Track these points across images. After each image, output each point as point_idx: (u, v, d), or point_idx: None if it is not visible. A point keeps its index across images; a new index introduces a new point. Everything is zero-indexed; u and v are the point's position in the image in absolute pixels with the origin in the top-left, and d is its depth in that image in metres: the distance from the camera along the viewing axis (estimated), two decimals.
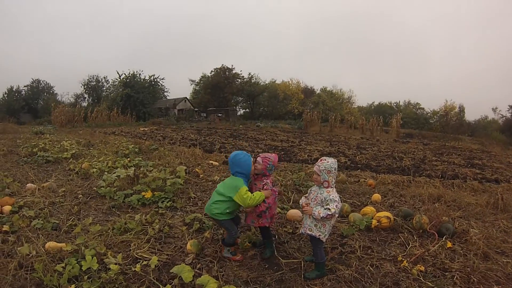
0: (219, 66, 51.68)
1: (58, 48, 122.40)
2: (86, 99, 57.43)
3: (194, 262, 3.42)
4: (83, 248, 3.40)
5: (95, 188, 6.03)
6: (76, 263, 3.09)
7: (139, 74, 44.06)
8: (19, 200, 5.20)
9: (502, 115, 43.06)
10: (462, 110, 47.10)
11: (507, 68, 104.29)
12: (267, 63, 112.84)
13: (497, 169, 10.53)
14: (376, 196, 5.91)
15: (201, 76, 58.87)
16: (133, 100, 40.51)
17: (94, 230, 3.89)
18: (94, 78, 56.84)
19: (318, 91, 55.45)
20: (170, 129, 24.87)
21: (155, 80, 46.44)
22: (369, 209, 4.93)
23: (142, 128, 24.80)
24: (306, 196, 3.43)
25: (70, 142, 12.27)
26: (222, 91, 50.17)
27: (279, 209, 5.10)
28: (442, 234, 4.13)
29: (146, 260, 3.34)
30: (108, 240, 3.81)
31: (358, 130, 29.58)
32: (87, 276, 2.97)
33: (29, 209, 4.81)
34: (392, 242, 4.06)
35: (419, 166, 10.26)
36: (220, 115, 44.97)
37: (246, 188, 3.37)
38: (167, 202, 5.25)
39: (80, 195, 5.66)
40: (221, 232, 4.08)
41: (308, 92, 53.66)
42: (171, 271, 3.03)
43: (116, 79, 46.02)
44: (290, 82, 53.49)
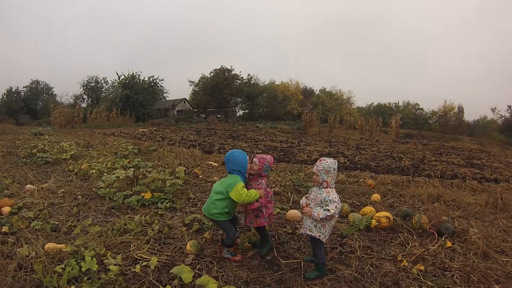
0: (218, 67, 51.68)
1: (58, 49, 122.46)
2: (85, 100, 57.45)
3: (194, 262, 3.42)
4: (82, 249, 3.39)
5: (94, 189, 6.03)
6: (76, 264, 3.08)
7: (138, 75, 44.09)
8: (19, 201, 5.20)
9: (501, 115, 43.23)
10: (461, 110, 47.20)
11: (506, 68, 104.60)
12: (266, 64, 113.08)
13: (496, 168, 10.55)
14: (376, 196, 5.91)
15: (200, 77, 58.95)
16: (132, 101, 40.49)
17: (93, 231, 3.89)
18: (93, 79, 56.87)
19: (317, 92, 55.57)
20: (170, 130, 24.87)
21: (155, 81, 46.45)
22: (368, 209, 4.93)
23: (142, 129, 24.79)
24: (306, 197, 3.42)
25: (69, 143, 12.27)
26: (221, 92, 50.14)
27: (278, 209, 5.11)
28: (442, 233, 4.13)
29: (145, 261, 3.33)
30: (108, 241, 3.80)
31: (357, 130, 29.60)
32: (86, 277, 2.97)
33: (28, 210, 4.80)
34: (392, 242, 4.07)
35: (418, 166, 10.27)
36: (219, 116, 44.97)
37: (243, 184, 3.38)
38: (167, 203, 5.25)
39: (80, 196, 5.65)
40: (220, 232, 4.07)
41: (307, 93, 53.69)
42: (171, 271, 3.03)
43: (115, 80, 46.02)
44: (289, 83, 53.53)
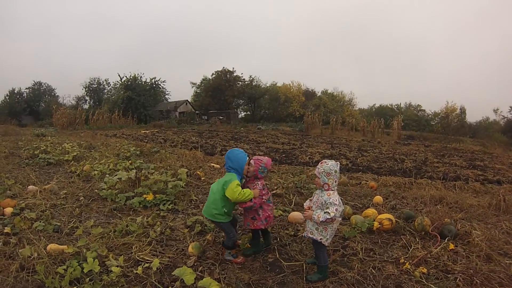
0: (220, 69, 51.73)
1: (60, 51, 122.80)
2: (88, 101, 57.55)
3: (196, 264, 3.42)
4: (84, 250, 3.40)
5: (96, 190, 6.04)
6: (78, 265, 3.09)
7: (140, 77, 44.17)
8: (21, 202, 5.22)
9: (503, 116, 43.12)
10: (463, 111, 47.03)
11: (508, 69, 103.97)
12: (268, 65, 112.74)
13: (499, 170, 10.49)
14: (378, 198, 5.90)
15: (202, 79, 58.91)
16: (134, 102, 40.55)
17: (95, 232, 3.89)
18: (96, 81, 57.01)
19: (319, 94, 55.50)
20: (171, 131, 24.89)
21: (156, 82, 46.52)
22: (370, 211, 4.92)
23: (144, 131, 24.81)
24: (310, 199, 3.41)
25: (71, 144, 12.30)
26: (223, 94, 50.15)
27: (280, 211, 5.10)
28: (444, 236, 4.11)
29: (147, 262, 3.34)
30: (110, 242, 3.81)
31: (359, 132, 29.56)
32: (88, 278, 2.97)
33: (30, 211, 4.82)
34: (394, 244, 4.05)
35: (420, 168, 10.24)
36: (221, 117, 44.98)
37: (238, 183, 3.37)
38: (169, 205, 5.26)
39: (82, 198, 5.66)
40: (222, 234, 4.07)
41: (309, 94, 53.62)
42: (173, 273, 3.03)
43: (117, 81, 46.17)
44: (291, 85, 53.44)
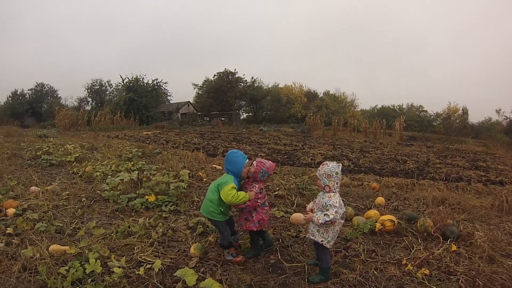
0: (222, 70, 51.81)
1: (62, 53, 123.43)
2: (90, 103, 57.76)
3: (197, 265, 3.42)
4: (86, 251, 3.41)
5: (98, 191, 6.05)
6: (80, 266, 3.09)
7: (142, 78, 44.27)
8: (23, 203, 5.23)
9: (506, 116, 42.95)
10: (465, 112, 46.96)
11: (511, 69, 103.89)
12: (270, 67, 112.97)
13: (501, 171, 10.47)
14: (380, 199, 5.88)
15: (204, 80, 59.05)
16: (136, 104, 40.62)
17: (97, 233, 3.91)
18: (98, 82, 57.25)
19: (321, 95, 55.47)
20: (173, 133, 24.91)
21: (158, 84, 46.60)
22: (373, 212, 4.90)
23: (145, 132, 24.85)
24: (314, 201, 3.40)
25: (73, 145, 12.32)
26: (225, 95, 50.23)
27: (282, 212, 5.09)
28: (447, 237, 4.10)
29: (149, 263, 3.34)
30: (112, 243, 3.81)
31: (361, 133, 29.53)
32: (90, 279, 2.98)
33: (33, 212, 4.83)
34: (396, 246, 4.04)
35: (422, 169, 10.21)
36: (223, 119, 45.03)
37: (233, 185, 3.37)
38: (171, 206, 5.26)
39: (84, 199, 5.67)
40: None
41: (311, 95, 53.62)
42: (175, 274, 3.03)
43: (119, 83, 46.35)
44: (293, 86, 53.47)
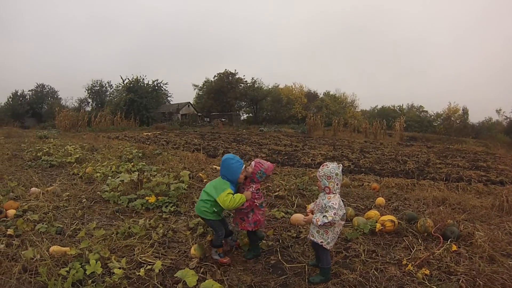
0: (222, 71, 51.82)
1: (62, 54, 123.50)
2: (90, 103, 57.83)
3: (198, 266, 3.42)
4: (87, 252, 3.41)
5: (99, 192, 6.05)
6: (80, 267, 3.09)
7: (143, 79, 44.31)
8: (24, 204, 5.23)
9: (506, 116, 42.83)
10: (465, 112, 46.93)
11: (511, 69, 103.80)
12: (270, 68, 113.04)
13: (502, 171, 10.47)
14: (380, 200, 5.88)
15: (204, 81, 59.04)
16: (136, 104, 40.64)
17: (98, 234, 3.91)
18: (98, 83, 57.33)
19: (321, 95, 55.50)
20: (174, 133, 24.93)
21: (159, 85, 46.64)
22: (373, 212, 4.90)
23: (146, 133, 24.86)
24: (315, 202, 3.40)
25: (74, 146, 12.33)
26: (225, 96, 50.23)
27: (283, 213, 5.10)
28: (447, 237, 4.10)
29: (150, 264, 3.34)
30: (112, 244, 3.81)
31: (362, 133, 29.52)
32: (91, 280, 2.98)
33: (33, 213, 4.83)
34: (397, 246, 4.04)
35: (423, 169, 10.22)
36: (223, 119, 45.03)
37: (230, 191, 3.36)
38: (171, 207, 5.25)
39: (84, 200, 5.67)
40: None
41: (311, 96, 53.63)
42: (175, 275, 3.03)
43: (119, 84, 46.41)
44: (293, 87, 53.49)
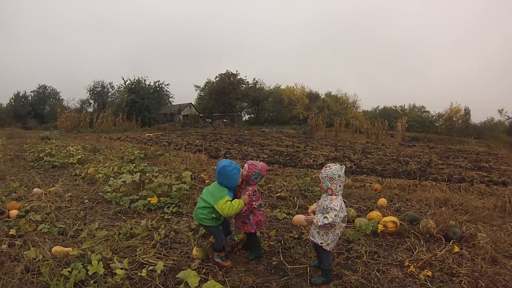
0: (223, 72, 51.88)
1: (64, 55, 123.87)
2: (92, 104, 57.99)
3: (200, 267, 3.42)
4: (89, 252, 3.41)
5: (101, 193, 6.06)
6: (82, 267, 3.10)
7: (144, 80, 44.32)
8: (26, 204, 5.24)
9: (508, 116, 42.96)
10: (467, 112, 46.84)
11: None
12: (272, 68, 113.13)
13: (504, 171, 10.44)
14: (382, 201, 5.87)
15: (205, 82, 59.21)
16: (138, 105, 40.69)
17: (100, 235, 3.91)
18: (100, 84, 57.43)
19: (323, 96, 55.52)
20: (175, 134, 24.94)
21: (160, 86, 46.66)
22: (375, 214, 4.89)
23: (148, 134, 24.89)
24: (317, 203, 3.40)
25: (76, 147, 12.35)
26: (227, 97, 50.28)
27: (284, 214, 5.10)
28: (449, 238, 4.09)
29: (152, 265, 3.34)
30: (114, 245, 3.82)
31: (363, 134, 29.49)
32: (93, 280, 2.98)
33: (35, 213, 4.84)
34: (399, 247, 4.03)
35: (425, 170, 10.19)
36: (225, 120, 45.09)
37: (228, 198, 3.35)
38: (173, 208, 5.26)
39: (86, 200, 5.68)
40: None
41: (313, 97, 53.63)
42: (177, 276, 3.03)
43: (121, 85, 46.50)
44: (295, 87, 53.55)
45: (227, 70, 51.49)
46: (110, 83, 57.78)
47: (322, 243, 3.13)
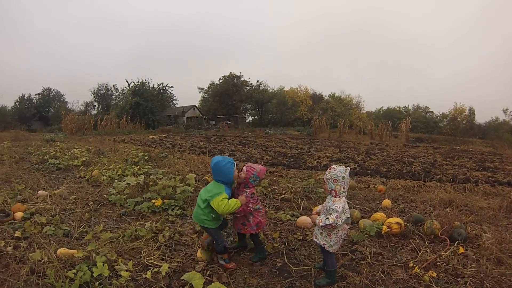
0: (227, 74, 51.92)
1: (68, 58, 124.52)
2: (96, 107, 58.36)
3: (204, 269, 3.43)
4: (94, 254, 3.43)
5: (105, 195, 6.08)
6: (88, 269, 3.11)
7: (148, 82, 44.53)
8: (31, 206, 5.28)
9: None
10: (472, 112, 46.64)
11: None
12: (275, 70, 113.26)
13: (509, 171, 10.36)
14: (386, 202, 5.86)
15: (209, 84, 59.24)
16: (142, 108, 40.84)
17: (105, 237, 3.92)
18: (104, 87, 57.84)
19: (327, 97, 55.40)
20: (179, 136, 25.00)
21: (164, 88, 46.82)
22: (379, 215, 4.88)
23: (152, 136, 24.97)
24: (323, 204, 3.40)
25: (80, 149, 12.42)
26: (231, 99, 50.32)
27: (289, 216, 5.09)
28: (454, 239, 4.07)
29: (156, 267, 3.35)
30: (119, 247, 3.83)
31: (367, 135, 29.44)
32: (98, 282, 3.00)
33: (40, 215, 4.87)
34: (403, 248, 4.02)
35: (429, 170, 10.14)
36: (229, 122, 45.14)
37: (224, 196, 3.34)
38: (177, 210, 5.27)
39: (91, 203, 5.71)
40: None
41: (317, 98, 53.54)
42: (182, 278, 3.04)
43: (125, 87, 46.65)
44: (298, 89, 53.53)
45: (231, 72, 51.57)
46: (114, 86, 58.26)
47: (324, 245, 3.13)
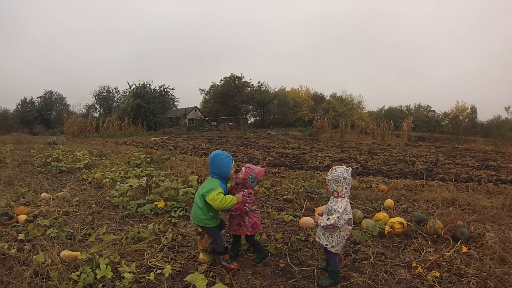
0: (228, 75, 52.00)
1: (70, 61, 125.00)
2: (98, 109, 58.53)
3: (207, 270, 3.43)
4: (97, 256, 3.44)
5: (108, 197, 6.10)
6: (91, 271, 3.13)
7: (149, 85, 44.68)
8: (34, 209, 5.30)
9: None
10: (474, 111, 46.56)
11: None
12: (276, 71, 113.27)
13: None
14: (389, 202, 5.85)
15: (211, 85, 59.42)
16: (143, 110, 40.96)
17: (108, 239, 3.94)
18: (105, 89, 58.07)
19: (328, 97, 55.45)
20: (181, 138, 25.03)
21: (165, 90, 46.99)
22: (381, 215, 4.87)
23: (153, 138, 25.01)
24: (326, 205, 3.40)
25: (82, 152, 12.43)
26: (232, 100, 50.39)
27: (291, 216, 5.09)
28: (457, 238, 4.06)
29: (159, 268, 3.36)
30: (122, 249, 3.84)
31: (369, 135, 29.38)
32: (101, 284, 3.01)
33: (44, 218, 4.89)
34: (406, 248, 4.01)
35: (431, 169, 10.12)
36: (230, 123, 45.13)
37: (220, 190, 3.31)
38: (180, 212, 5.28)
39: (94, 205, 5.73)
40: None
41: (318, 98, 53.56)
42: (185, 279, 3.05)
43: (126, 89, 46.85)
44: (300, 89, 53.55)
45: (232, 73, 51.70)
46: (115, 88, 58.45)
47: (327, 245, 3.13)
